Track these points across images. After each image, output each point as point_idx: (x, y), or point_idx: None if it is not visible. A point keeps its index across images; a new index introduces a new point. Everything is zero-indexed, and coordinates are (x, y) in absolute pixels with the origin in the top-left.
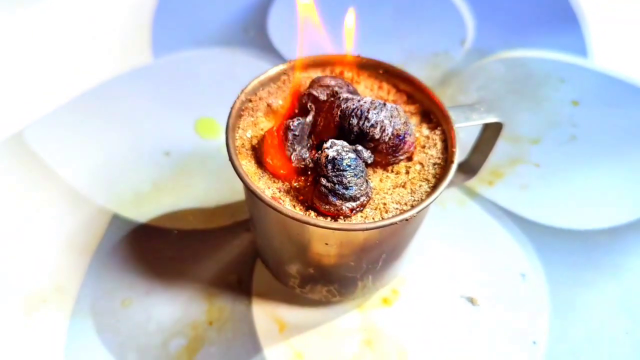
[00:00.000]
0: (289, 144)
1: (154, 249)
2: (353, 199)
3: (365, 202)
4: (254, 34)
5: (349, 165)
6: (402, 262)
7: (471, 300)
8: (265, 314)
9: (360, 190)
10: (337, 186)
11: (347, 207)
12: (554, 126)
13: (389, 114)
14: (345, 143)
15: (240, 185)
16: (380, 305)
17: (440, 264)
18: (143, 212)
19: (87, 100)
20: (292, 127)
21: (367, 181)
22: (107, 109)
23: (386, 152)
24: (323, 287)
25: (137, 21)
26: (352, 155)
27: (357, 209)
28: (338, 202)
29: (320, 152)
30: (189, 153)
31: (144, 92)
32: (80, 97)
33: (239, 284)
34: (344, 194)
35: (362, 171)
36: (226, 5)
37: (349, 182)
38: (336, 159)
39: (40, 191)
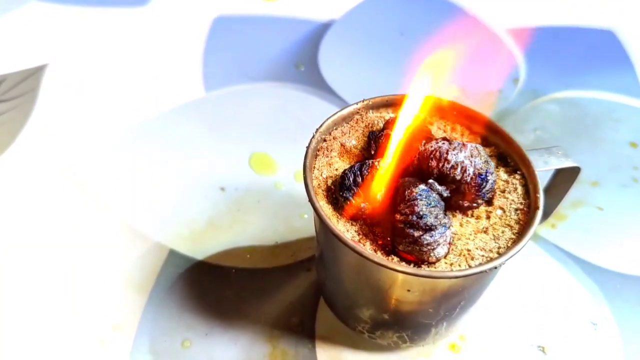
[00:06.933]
0: (375, 183)
1: (211, 287)
2: (430, 228)
3: (445, 233)
4: (305, 69)
5: (420, 195)
6: (476, 308)
7: (542, 349)
8: (330, 358)
9: (437, 219)
10: (411, 216)
11: (427, 239)
12: (614, 168)
13: (469, 154)
14: (413, 179)
15: (299, 223)
16: (448, 352)
17: (507, 308)
18: (200, 249)
19: (140, 134)
20: (378, 167)
21: (445, 213)
22: (160, 142)
23: (469, 193)
24: (395, 333)
25: (189, 54)
26: (423, 187)
27: (441, 246)
28: (416, 233)
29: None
30: (244, 189)
31: (197, 126)
32: (133, 131)
33: (302, 326)
34: (419, 222)
35: (436, 200)
36: (277, 41)
37: (421, 210)
38: (405, 191)
39: (94, 226)
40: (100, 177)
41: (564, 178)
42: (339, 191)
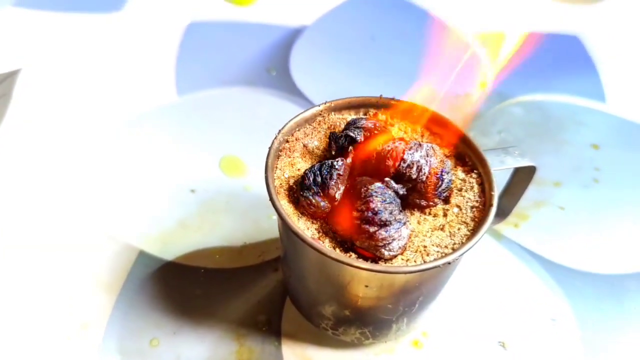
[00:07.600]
0: (333, 183)
1: (181, 287)
2: (385, 223)
3: (400, 229)
4: (277, 73)
5: (375, 192)
6: (436, 304)
7: (502, 345)
8: (295, 356)
9: (392, 215)
10: (366, 213)
11: (382, 234)
12: (576, 169)
13: (424, 154)
14: (370, 178)
15: (267, 224)
16: (411, 348)
17: (468, 306)
18: (169, 250)
19: (112, 137)
20: (336, 167)
21: (401, 211)
22: (132, 145)
23: (425, 192)
24: (357, 329)
25: (162, 59)
26: (378, 184)
27: (396, 241)
28: (371, 229)
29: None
30: (215, 191)
31: (168, 130)
32: (105, 134)
33: (268, 324)
34: (374, 218)
35: (392, 197)
36: (249, 46)
37: (376, 206)
38: (361, 189)
39: (65, 227)
40: (70, 179)
41: (522, 177)
42: (300, 190)
